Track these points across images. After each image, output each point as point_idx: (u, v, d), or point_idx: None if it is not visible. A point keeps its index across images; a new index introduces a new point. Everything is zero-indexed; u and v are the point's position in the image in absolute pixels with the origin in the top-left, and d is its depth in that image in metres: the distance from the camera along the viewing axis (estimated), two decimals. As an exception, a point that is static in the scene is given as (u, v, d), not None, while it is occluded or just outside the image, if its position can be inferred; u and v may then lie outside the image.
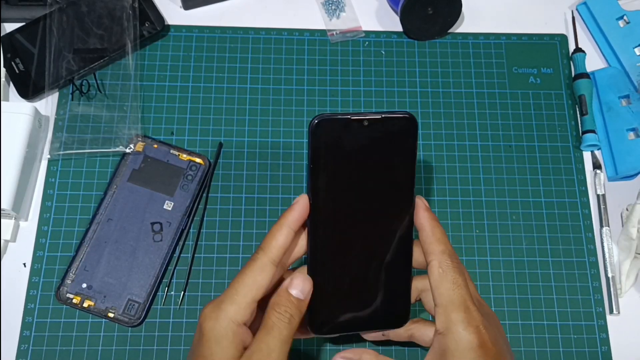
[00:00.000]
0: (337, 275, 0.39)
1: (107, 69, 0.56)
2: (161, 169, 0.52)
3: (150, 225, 0.50)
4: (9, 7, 0.56)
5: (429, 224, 0.39)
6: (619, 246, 0.53)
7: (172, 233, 0.50)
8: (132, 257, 0.49)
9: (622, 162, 0.54)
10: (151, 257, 0.49)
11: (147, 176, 0.52)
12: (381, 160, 0.37)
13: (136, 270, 0.49)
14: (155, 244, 0.50)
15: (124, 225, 0.50)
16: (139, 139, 0.53)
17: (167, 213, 0.51)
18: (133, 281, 0.49)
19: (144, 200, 0.51)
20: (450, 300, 0.37)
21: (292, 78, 0.57)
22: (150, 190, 0.51)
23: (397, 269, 0.40)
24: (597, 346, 0.49)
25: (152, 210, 0.51)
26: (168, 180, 0.51)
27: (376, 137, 0.37)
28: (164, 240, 0.50)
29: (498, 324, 0.39)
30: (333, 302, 0.39)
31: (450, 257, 0.39)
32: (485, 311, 0.39)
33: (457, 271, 0.38)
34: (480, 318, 0.37)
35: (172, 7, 0.60)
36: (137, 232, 0.50)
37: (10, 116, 0.50)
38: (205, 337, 0.35)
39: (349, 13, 0.60)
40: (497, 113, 0.57)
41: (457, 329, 0.36)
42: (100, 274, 0.48)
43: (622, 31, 0.60)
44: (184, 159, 0.52)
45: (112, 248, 0.49)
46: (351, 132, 0.36)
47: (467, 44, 0.60)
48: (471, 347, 0.36)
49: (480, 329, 0.36)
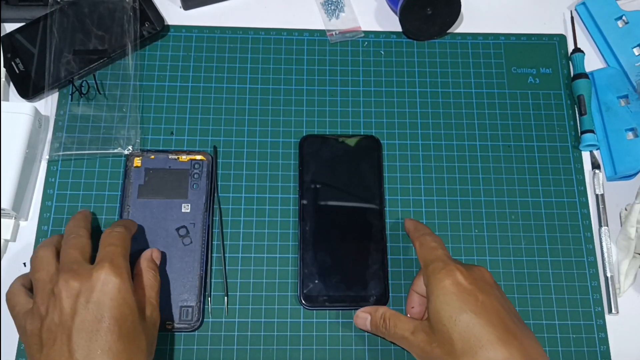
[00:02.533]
0: (322, 257, 0.50)
1: (107, 69, 0.56)
2: (166, 176, 0.52)
3: (175, 231, 0.50)
4: (9, 7, 0.57)
5: (412, 224, 0.50)
6: (617, 246, 0.53)
7: (199, 232, 0.50)
8: (169, 267, 0.49)
9: (620, 162, 0.55)
10: (187, 261, 0.49)
11: (155, 187, 0.51)
12: (353, 166, 0.53)
13: (177, 277, 0.49)
14: (185, 247, 0.50)
15: (150, 239, 0.50)
16: (134, 154, 0.52)
17: (187, 215, 0.50)
18: (178, 288, 0.49)
19: (160, 211, 0.51)
20: (427, 259, 0.44)
21: (292, 78, 0.57)
22: (164, 200, 0.51)
23: (373, 253, 0.50)
24: (596, 345, 0.50)
25: (172, 217, 0.50)
26: (177, 185, 0.51)
27: (348, 150, 0.54)
28: (194, 242, 0.50)
29: (482, 273, 0.43)
30: (320, 280, 0.49)
31: (429, 235, 0.47)
32: (466, 265, 0.43)
33: (434, 241, 0.46)
34: (453, 264, 0.42)
35: (172, 7, 0.60)
36: (164, 242, 0.50)
37: (10, 116, 0.50)
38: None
39: (348, 13, 0.61)
40: (496, 113, 0.57)
41: (432, 275, 0.42)
42: None
43: (620, 31, 0.60)
44: (184, 160, 0.52)
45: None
46: (329, 145, 0.54)
47: (466, 44, 0.60)
48: (444, 286, 0.41)
49: (452, 271, 0.41)
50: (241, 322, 0.49)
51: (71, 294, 0.39)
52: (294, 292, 0.50)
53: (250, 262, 0.51)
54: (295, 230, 0.52)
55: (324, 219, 0.51)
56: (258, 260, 0.51)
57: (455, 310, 0.39)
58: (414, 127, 0.56)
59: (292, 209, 0.53)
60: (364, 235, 0.51)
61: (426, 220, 0.53)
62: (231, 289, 0.50)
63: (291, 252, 0.51)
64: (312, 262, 0.50)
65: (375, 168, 0.53)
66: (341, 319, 0.49)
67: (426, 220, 0.53)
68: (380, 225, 0.51)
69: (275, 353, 0.48)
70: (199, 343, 0.48)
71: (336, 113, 0.56)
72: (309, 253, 0.50)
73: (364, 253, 0.51)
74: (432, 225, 0.53)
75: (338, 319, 0.49)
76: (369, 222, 0.52)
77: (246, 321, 0.49)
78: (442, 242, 0.46)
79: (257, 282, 0.50)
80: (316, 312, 0.50)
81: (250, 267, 0.51)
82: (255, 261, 0.51)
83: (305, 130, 0.55)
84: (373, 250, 0.51)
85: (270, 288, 0.50)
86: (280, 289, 0.50)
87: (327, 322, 0.49)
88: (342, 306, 0.49)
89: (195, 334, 0.48)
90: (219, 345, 0.48)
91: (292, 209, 0.53)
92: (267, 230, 0.52)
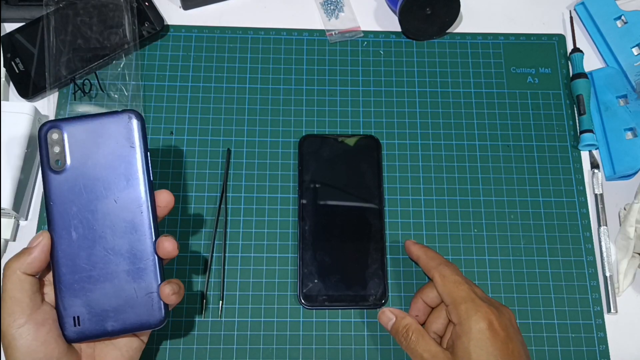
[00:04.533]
0: (322, 256, 0.50)
1: (107, 68, 0.56)
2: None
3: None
4: (9, 7, 0.57)
5: (422, 251, 0.48)
6: (616, 245, 0.53)
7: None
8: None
9: (619, 162, 0.55)
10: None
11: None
12: (353, 166, 0.53)
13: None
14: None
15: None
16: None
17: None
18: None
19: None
20: (456, 297, 0.43)
21: (291, 78, 0.57)
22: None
23: (372, 253, 0.51)
24: (595, 345, 0.50)
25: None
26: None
27: (348, 149, 0.54)
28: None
29: (510, 316, 0.43)
30: (319, 279, 0.49)
31: (446, 265, 0.46)
32: (495, 305, 0.43)
33: (456, 274, 0.45)
34: (487, 306, 0.42)
35: (172, 7, 0.60)
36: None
37: (10, 116, 0.50)
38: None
39: (347, 13, 0.61)
40: (495, 113, 0.57)
41: (467, 316, 0.42)
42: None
43: (620, 31, 0.60)
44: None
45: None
46: (329, 145, 0.54)
47: (466, 44, 0.60)
48: (480, 330, 0.41)
49: (488, 314, 0.41)
50: (241, 321, 0.49)
51: None
52: (294, 291, 0.50)
53: (250, 262, 0.51)
54: (294, 230, 0.52)
55: (324, 219, 0.51)
56: (257, 260, 0.51)
57: (488, 355, 0.40)
58: (413, 127, 0.56)
59: (291, 209, 0.53)
60: (364, 235, 0.51)
61: (426, 220, 0.53)
62: (231, 288, 0.50)
63: (291, 252, 0.51)
64: (312, 261, 0.50)
65: (375, 168, 0.54)
66: (340, 318, 0.50)
67: (426, 220, 0.53)
68: (380, 225, 0.52)
69: (275, 352, 0.48)
70: (199, 342, 0.48)
71: (336, 113, 0.56)
72: (308, 253, 0.50)
73: (364, 253, 0.51)
74: (432, 225, 0.53)
75: (337, 319, 0.49)
76: (368, 221, 0.52)
77: (246, 320, 0.49)
78: (459, 270, 0.46)
79: (256, 282, 0.50)
80: (315, 312, 0.50)
81: (249, 267, 0.51)
82: (254, 261, 0.51)
83: (305, 130, 0.55)
84: (372, 250, 0.51)
85: (269, 287, 0.50)
86: (279, 288, 0.50)
87: (326, 321, 0.49)
88: (342, 306, 0.49)
89: (195, 333, 0.49)
90: (219, 344, 0.48)
91: (291, 209, 0.53)
92: (267, 229, 0.52)
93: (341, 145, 0.54)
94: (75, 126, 0.39)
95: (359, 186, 0.53)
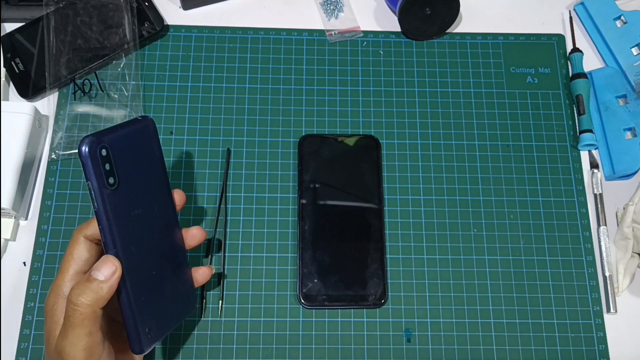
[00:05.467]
0: (321, 256, 0.50)
1: (107, 68, 0.56)
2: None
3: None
4: (9, 7, 0.57)
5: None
6: (616, 245, 0.53)
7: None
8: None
9: (619, 162, 0.55)
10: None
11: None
12: (352, 166, 0.53)
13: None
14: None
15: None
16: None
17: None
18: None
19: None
20: None
21: (291, 78, 0.58)
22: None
23: (372, 253, 0.51)
24: (595, 345, 0.50)
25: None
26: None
27: (348, 149, 0.54)
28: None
29: None
30: (319, 279, 0.49)
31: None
32: None
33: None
34: None
35: (172, 7, 0.60)
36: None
37: (10, 116, 0.50)
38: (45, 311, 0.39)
39: (347, 13, 0.61)
40: (495, 113, 0.57)
41: None
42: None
43: (619, 31, 0.60)
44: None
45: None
46: (328, 145, 0.54)
47: (465, 44, 0.60)
48: None
49: None
50: (240, 321, 0.49)
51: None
52: (293, 291, 0.50)
53: (250, 262, 0.51)
54: (294, 230, 0.52)
55: (323, 219, 0.51)
56: (257, 260, 0.51)
57: None
58: (412, 127, 0.56)
59: (291, 209, 0.53)
60: (363, 234, 0.51)
61: (425, 220, 0.53)
62: (230, 288, 0.50)
63: (290, 252, 0.51)
64: (311, 261, 0.50)
65: (374, 168, 0.54)
66: (340, 318, 0.50)
67: (425, 220, 0.53)
68: (379, 225, 0.52)
69: (275, 352, 0.48)
70: (198, 342, 0.48)
71: (335, 113, 0.56)
72: (308, 252, 0.50)
73: (363, 252, 0.51)
74: (431, 224, 0.53)
75: (337, 318, 0.50)
76: (368, 221, 0.52)
77: (245, 320, 0.49)
78: None
79: (256, 282, 0.50)
80: (315, 312, 0.50)
81: (249, 267, 0.51)
82: (254, 260, 0.51)
83: (305, 130, 0.55)
84: (372, 250, 0.51)
85: (269, 287, 0.50)
86: (279, 288, 0.50)
87: (326, 321, 0.49)
88: (341, 305, 0.49)
89: (195, 333, 0.49)
90: (218, 344, 0.48)
91: (291, 209, 0.53)
92: (267, 229, 0.52)
93: (341, 145, 0.54)
94: (115, 139, 0.37)
95: (359, 186, 0.53)
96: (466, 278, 0.51)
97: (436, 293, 0.51)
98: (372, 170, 0.53)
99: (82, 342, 0.36)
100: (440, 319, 0.50)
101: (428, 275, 0.51)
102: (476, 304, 0.50)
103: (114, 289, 0.36)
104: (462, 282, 0.51)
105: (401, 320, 0.50)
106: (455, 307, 0.50)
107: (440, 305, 0.50)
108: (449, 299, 0.50)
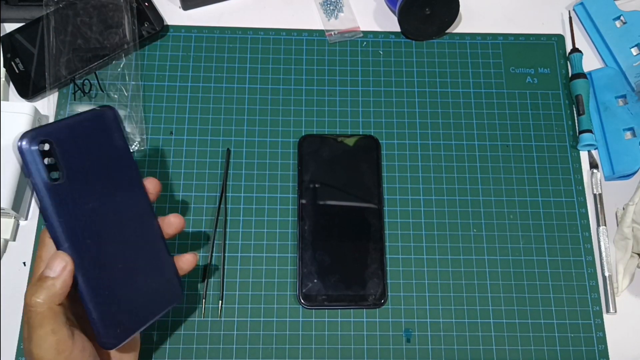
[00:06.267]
0: (321, 256, 0.50)
1: (107, 68, 0.56)
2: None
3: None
4: (9, 7, 0.57)
5: None
6: (615, 245, 0.53)
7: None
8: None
9: (618, 162, 0.55)
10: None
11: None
12: (352, 166, 0.53)
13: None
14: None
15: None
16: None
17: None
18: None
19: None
20: None
21: (291, 78, 0.58)
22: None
23: (371, 253, 0.51)
24: (594, 345, 0.50)
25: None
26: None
27: (347, 149, 0.54)
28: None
29: None
30: (319, 279, 0.50)
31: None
32: None
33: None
34: None
35: (171, 8, 0.60)
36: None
37: (10, 116, 0.50)
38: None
39: (347, 13, 0.61)
40: (495, 113, 0.57)
41: None
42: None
43: (619, 31, 0.60)
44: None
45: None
46: (328, 145, 0.54)
47: (465, 44, 0.60)
48: None
49: None
50: (240, 321, 0.49)
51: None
52: (293, 291, 0.50)
53: (249, 262, 0.51)
54: (294, 230, 0.52)
55: (323, 219, 0.52)
56: (257, 260, 0.51)
57: None
58: (412, 127, 0.56)
59: (291, 209, 0.53)
60: (363, 234, 0.51)
61: (425, 220, 0.53)
62: (230, 288, 0.50)
63: (290, 252, 0.51)
64: (311, 261, 0.50)
65: (374, 168, 0.54)
66: (340, 318, 0.50)
67: (425, 220, 0.53)
68: (379, 225, 0.52)
69: (274, 352, 0.48)
70: (198, 342, 0.48)
71: (335, 113, 0.56)
72: (307, 252, 0.50)
73: (363, 252, 0.51)
74: (431, 225, 0.53)
75: (337, 318, 0.50)
76: (367, 221, 0.52)
77: (245, 320, 0.49)
78: None
79: (256, 282, 0.50)
80: (315, 312, 0.50)
81: (249, 267, 0.51)
82: (254, 260, 0.51)
83: (304, 130, 0.55)
84: (372, 250, 0.51)
85: (269, 287, 0.50)
86: (279, 288, 0.50)
87: (325, 321, 0.49)
88: (341, 305, 0.49)
89: (195, 333, 0.49)
90: (218, 344, 0.48)
91: (291, 209, 0.53)
92: (266, 229, 0.52)
93: (341, 145, 0.54)
94: (60, 131, 0.35)
95: (359, 186, 0.53)
96: (466, 278, 0.51)
97: (436, 293, 0.51)
98: (372, 170, 0.53)
99: (46, 342, 0.35)
100: (440, 319, 0.50)
101: (428, 276, 0.51)
102: (476, 304, 0.50)
103: (67, 284, 0.35)
104: (462, 282, 0.51)
105: (401, 320, 0.50)
106: (455, 307, 0.50)
107: (440, 306, 0.50)
108: (448, 299, 0.51)
